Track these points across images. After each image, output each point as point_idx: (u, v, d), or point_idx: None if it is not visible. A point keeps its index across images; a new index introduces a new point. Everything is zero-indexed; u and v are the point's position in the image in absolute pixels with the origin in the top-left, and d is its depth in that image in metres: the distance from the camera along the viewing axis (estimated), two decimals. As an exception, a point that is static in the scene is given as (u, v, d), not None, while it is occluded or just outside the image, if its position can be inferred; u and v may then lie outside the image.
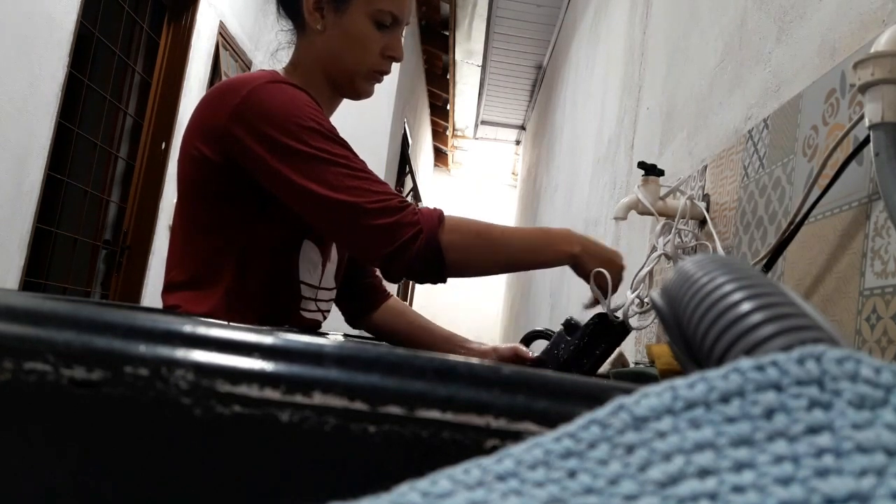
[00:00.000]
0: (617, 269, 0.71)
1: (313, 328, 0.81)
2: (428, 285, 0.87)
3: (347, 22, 0.75)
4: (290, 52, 0.80)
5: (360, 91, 0.79)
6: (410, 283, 6.49)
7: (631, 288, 0.81)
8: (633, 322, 0.72)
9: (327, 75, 0.77)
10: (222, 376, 0.22)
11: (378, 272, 0.94)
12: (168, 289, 0.73)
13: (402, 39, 0.79)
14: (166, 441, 0.22)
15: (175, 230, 0.74)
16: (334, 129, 0.70)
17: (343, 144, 0.68)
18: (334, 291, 0.84)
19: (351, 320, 0.95)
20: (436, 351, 0.93)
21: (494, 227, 0.70)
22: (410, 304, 6.05)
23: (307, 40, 0.77)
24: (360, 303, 0.93)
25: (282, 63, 0.81)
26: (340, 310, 0.95)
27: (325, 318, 0.83)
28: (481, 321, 6.83)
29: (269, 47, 0.83)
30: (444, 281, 0.69)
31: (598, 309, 0.72)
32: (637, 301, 0.78)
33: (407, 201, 0.67)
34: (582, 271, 0.71)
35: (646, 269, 0.83)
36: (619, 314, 0.70)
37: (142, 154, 2.51)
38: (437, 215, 0.67)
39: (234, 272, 0.71)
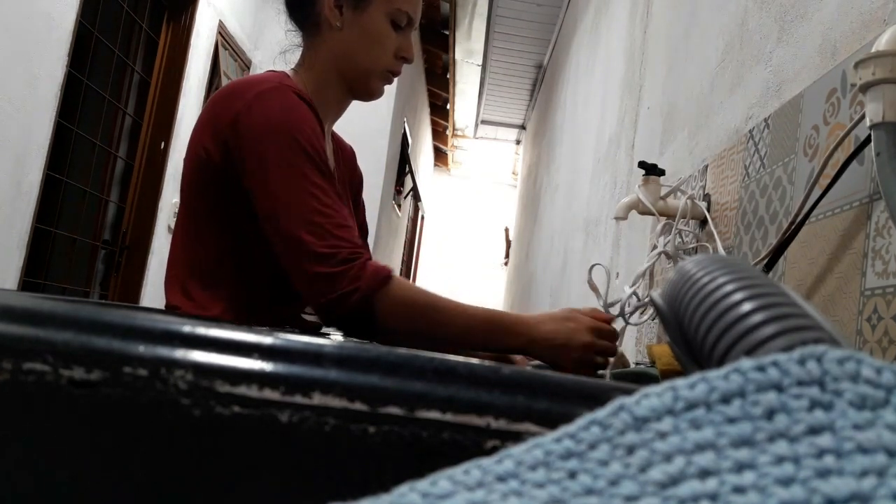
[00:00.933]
0: (576, 349, 0.64)
1: (313, 328, 0.81)
2: (427, 284, 0.86)
3: (366, 20, 0.75)
4: (297, 54, 0.80)
5: (373, 90, 0.79)
6: (412, 273, 6.48)
7: (630, 285, 0.81)
8: (631, 318, 0.71)
9: (341, 75, 0.77)
10: (221, 377, 0.22)
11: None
12: (170, 286, 0.73)
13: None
14: (165, 442, 0.22)
15: (178, 228, 0.74)
16: (324, 152, 0.69)
17: (324, 173, 0.68)
18: None
19: None
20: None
21: (441, 303, 0.66)
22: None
23: (320, 39, 0.77)
24: None
25: (290, 65, 0.80)
26: None
27: None
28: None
29: (269, 46, 0.83)
30: (370, 337, 0.67)
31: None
32: (635, 298, 0.78)
33: (360, 253, 0.64)
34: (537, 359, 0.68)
35: (646, 265, 0.83)
36: (616, 309, 0.70)
37: (141, 153, 2.51)
38: (383, 276, 0.64)
39: (236, 272, 0.71)
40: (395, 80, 0.83)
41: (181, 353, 0.22)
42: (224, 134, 0.68)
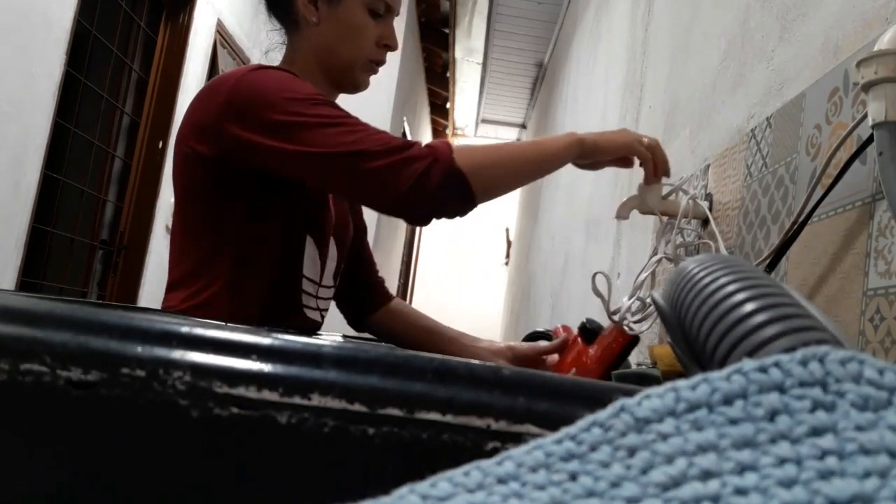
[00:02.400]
0: (625, 141, 0.73)
1: (312, 329, 0.80)
2: (429, 286, 0.86)
3: (342, 12, 0.74)
4: (282, 52, 0.80)
5: (357, 82, 0.78)
6: (409, 282, 6.49)
7: (630, 294, 0.80)
8: (633, 326, 0.71)
9: (324, 69, 0.77)
10: (220, 377, 0.22)
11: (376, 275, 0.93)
12: (169, 288, 0.73)
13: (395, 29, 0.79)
14: (163, 443, 0.22)
15: (175, 230, 0.74)
16: (321, 94, 0.68)
17: (335, 106, 0.67)
18: (333, 290, 0.84)
19: (353, 323, 0.94)
20: (444, 353, 0.91)
21: (498, 144, 0.72)
22: (410, 303, 6.05)
23: (300, 36, 0.77)
24: (360, 304, 0.92)
25: (275, 63, 0.80)
26: (342, 312, 0.94)
27: (323, 317, 0.82)
28: (481, 321, 6.82)
29: (263, 47, 0.83)
30: (471, 208, 0.67)
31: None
32: (638, 304, 0.78)
33: (411, 140, 0.66)
34: (591, 155, 0.72)
35: (646, 273, 0.83)
36: (617, 318, 0.70)
37: (139, 153, 2.51)
38: (447, 142, 0.67)
39: (234, 269, 0.71)
40: (395, 79, 0.83)
41: (179, 354, 0.22)
42: (213, 128, 0.67)
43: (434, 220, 0.68)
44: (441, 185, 0.63)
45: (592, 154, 0.72)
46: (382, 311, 0.92)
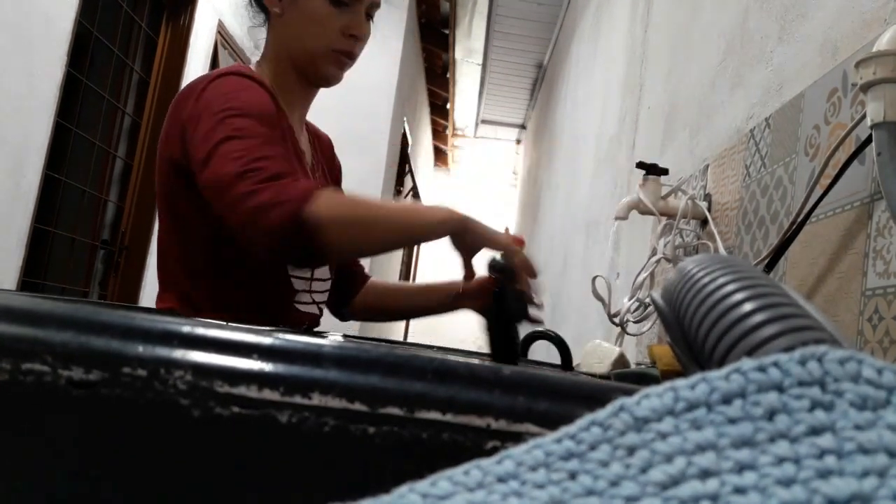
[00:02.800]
0: (500, 239, 0.65)
1: (311, 323, 0.80)
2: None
3: (303, 3, 0.74)
4: None
5: (325, 75, 0.76)
6: (412, 272, 6.47)
7: (629, 296, 0.81)
8: (631, 328, 0.71)
9: (293, 62, 0.76)
10: (221, 377, 0.22)
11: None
12: (160, 291, 0.73)
13: (365, 18, 0.76)
14: (165, 442, 0.22)
15: (159, 233, 0.75)
16: (269, 110, 0.67)
17: (263, 123, 0.65)
18: (329, 282, 0.83)
19: (337, 313, 0.92)
20: (413, 309, 0.93)
21: (370, 202, 0.67)
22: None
23: (271, 28, 0.78)
24: (342, 293, 0.90)
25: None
26: (327, 306, 0.93)
27: (321, 310, 0.82)
28: (480, 321, 6.81)
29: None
30: (318, 260, 0.63)
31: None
32: (637, 305, 0.78)
33: (286, 174, 0.62)
34: (461, 242, 0.65)
35: (645, 274, 0.83)
36: (618, 321, 0.70)
37: (140, 153, 2.51)
38: (316, 188, 0.62)
39: (218, 270, 0.71)
40: (395, 79, 0.83)
41: (180, 354, 0.22)
42: (180, 133, 0.68)
43: (278, 259, 0.65)
44: (280, 227, 0.59)
45: (466, 235, 0.65)
46: (360, 294, 0.90)
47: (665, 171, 0.92)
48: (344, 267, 0.90)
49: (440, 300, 0.87)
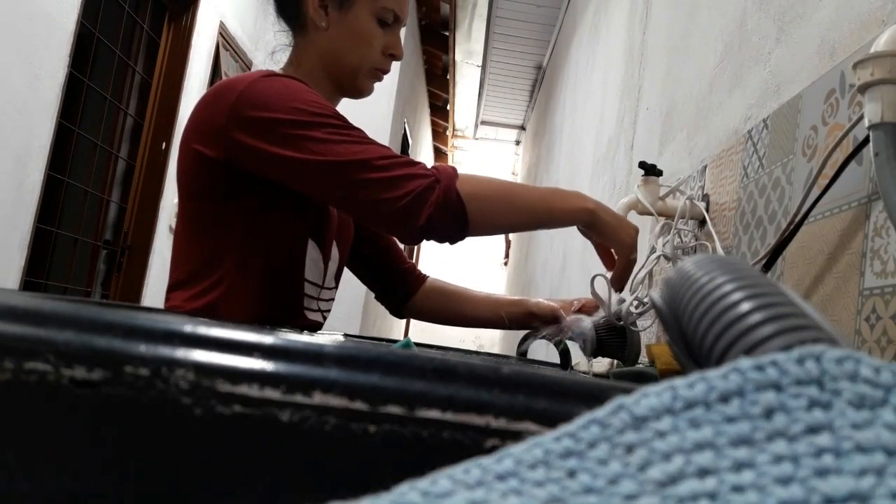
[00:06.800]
0: (628, 243, 0.68)
1: (313, 329, 0.81)
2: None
3: (352, 19, 0.75)
4: (287, 54, 0.80)
5: (362, 89, 0.79)
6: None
7: (630, 290, 0.81)
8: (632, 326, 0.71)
9: (329, 74, 0.78)
10: (223, 376, 0.22)
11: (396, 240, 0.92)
12: (171, 288, 0.73)
13: (402, 39, 0.80)
14: (167, 441, 0.22)
15: (178, 230, 0.74)
16: (331, 106, 0.69)
17: (341, 118, 0.67)
18: (335, 291, 0.84)
19: (395, 311, 0.94)
20: (478, 319, 0.90)
21: (508, 181, 0.70)
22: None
23: (307, 39, 0.77)
24: (398, 292, 0.92)
25: (280, 64, 0.81)
26: (383, 304, 0.94)
27: (324, 318, 0.83)
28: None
29: (270, 47, 0.83)
30: (463, 236, 0.65)
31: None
32: (636, 303, 0.78)
33: (415, 160, 0.66)
34: (595, 231, 0.68)
35: (644, 271, 0.83)
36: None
37: (142, 154, 2.51)
38: (452, 167, 0.66)
39: (236, 272, 0.71)
40: (395, 80, 0.84)
41: (182, 353, 0.22)
42: (220, 132, 0.67)
43: (423, 241, 0.66)
44: (439, 205, 0.62)
45: (595, 229, 0.68)
46: (420, 294, 0.92)
47: (661, 173, 0.93)
48: (393, 267, 0.91)
49: (510, 315, 0.86)
